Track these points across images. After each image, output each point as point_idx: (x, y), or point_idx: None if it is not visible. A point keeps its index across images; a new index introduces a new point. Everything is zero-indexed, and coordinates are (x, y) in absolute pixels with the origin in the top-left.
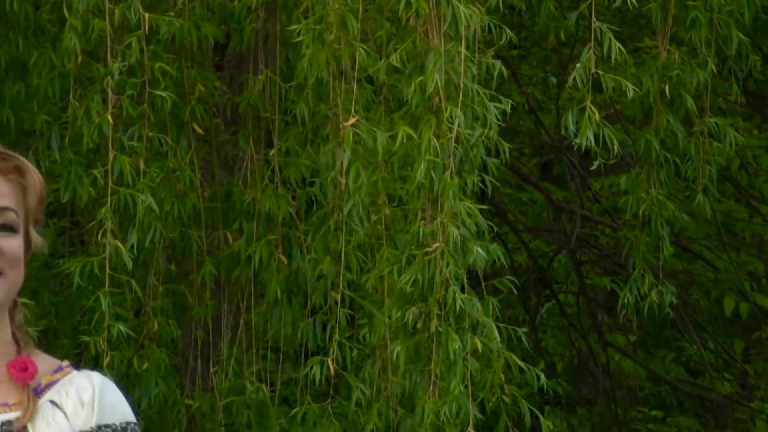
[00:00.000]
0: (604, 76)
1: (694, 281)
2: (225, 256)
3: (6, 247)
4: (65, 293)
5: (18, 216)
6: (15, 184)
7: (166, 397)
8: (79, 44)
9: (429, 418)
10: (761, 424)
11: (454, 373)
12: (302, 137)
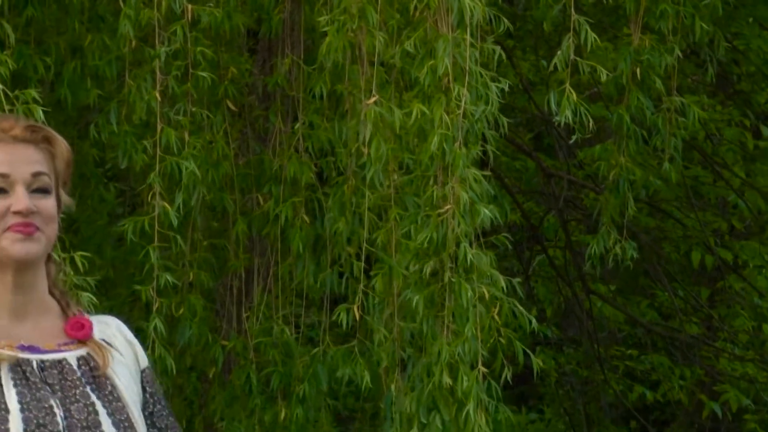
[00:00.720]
0: (580, 62)
1: (666, 237)
2: (256, 216)
3: (42, 207)
4: (122, 248)
5: (50, 179)
6: (45, 152)
7: (205, 338)
8: (132, 31)
9: (444, 358)
10: (724, 361)
11: (466, 318)
12: (322, 113)
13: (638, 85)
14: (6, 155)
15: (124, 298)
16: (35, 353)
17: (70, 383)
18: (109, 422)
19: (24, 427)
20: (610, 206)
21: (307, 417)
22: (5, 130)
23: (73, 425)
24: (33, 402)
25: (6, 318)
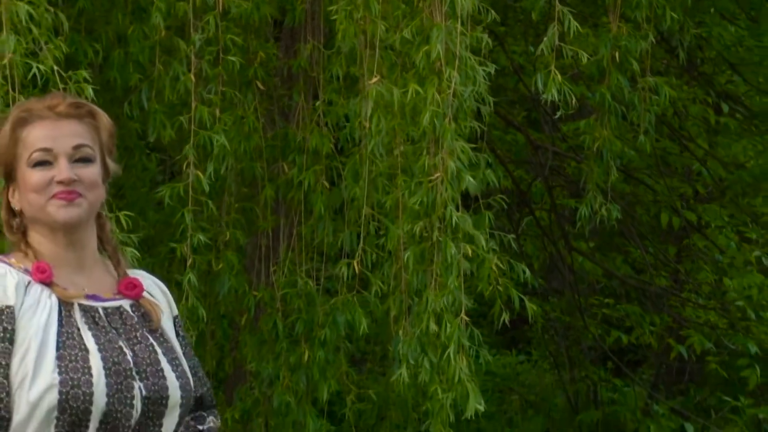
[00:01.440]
0: (564, 47)
1: (638, 201)
2: (282, 182)
3: (84, 175)
4: (162, 211)
5: (93, 150)
6: (89, 126)
7: (236, 290)
8: (163, 22)
9: (431, 306)
10: (689, 310)
11: (450, 272)
12: (339, 91)
13: (617, 68)
14: (50, 131)
15: (163, 255)
16: (98, 301)
17: (130, 327)
18: (165, 360)
19: (103, 364)
20: (595, 174)
21: (327, 358)
22: (51, 108)
23: (140, 363)
24: (106, 343)
25: (66, 271)
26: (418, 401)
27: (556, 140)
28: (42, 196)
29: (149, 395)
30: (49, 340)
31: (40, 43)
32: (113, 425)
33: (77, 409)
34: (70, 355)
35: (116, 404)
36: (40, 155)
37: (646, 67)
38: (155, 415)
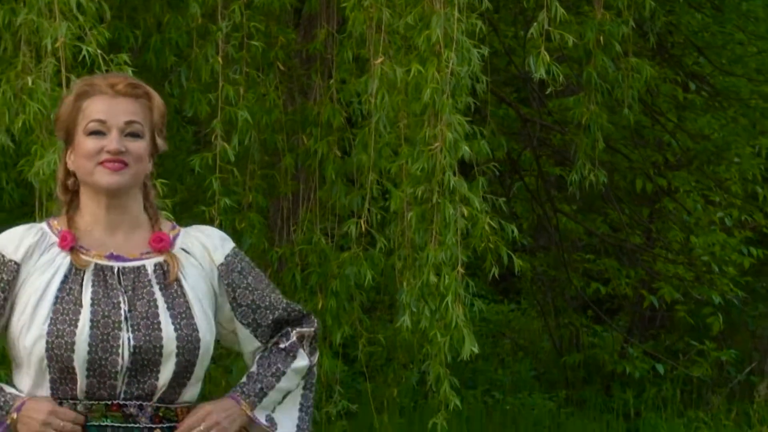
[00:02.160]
0: (552, 31)
1: (616, 168)
2: (300, 152)
3: (132, 148)
4: (194, 177)
5: (143, 126)
6: (143, 105)
7: (259, 247)
8: (200, 11)
9: (431, 260)
10: (660, 264)
11: (448, 230)
12: (350, 71)
13: (602, 50)
14: (107, 105)
15: (196, 216)
16: (119, 261)
17: (141, 284)
18: (167, 314)
19: (91, 317)
20: (583, 144)
21: (340, 306)
22: (112, 85)
23: (135, 316)
24: (104, 299)
25: (101, 231)
26: (421, 344)
27: (543, 115)
28: (91, 162)
29: (139, 345)
30: (48, 295)
31: (86, 29)
32: (100, 372)
33: (61, 357)
34: (64, 309)
35: (99, 353)
36: (95, 125)
37: (627, 50)
38: (149, 363)
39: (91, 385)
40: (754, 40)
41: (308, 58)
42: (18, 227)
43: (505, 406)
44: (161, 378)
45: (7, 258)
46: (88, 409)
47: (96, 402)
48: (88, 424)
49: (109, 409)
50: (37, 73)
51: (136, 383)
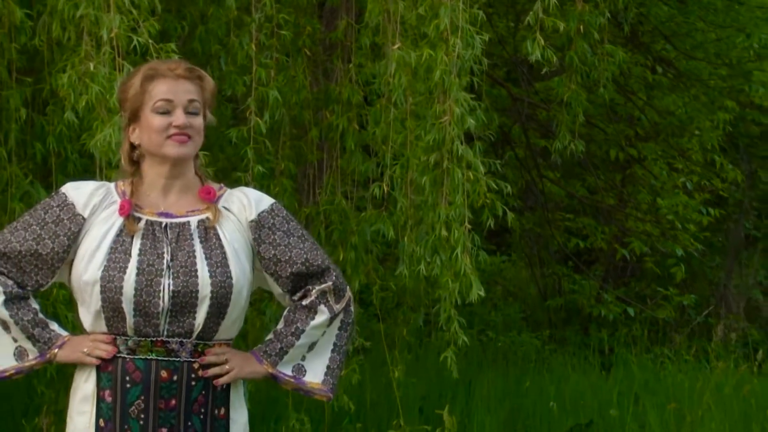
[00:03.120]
0: (546, 19)
1: (593, 139)
2: (324, 125)
3: (193, 123)
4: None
5: (200, 104)
6: (198, 86)
7: (291, 208)
8: (234, 4)
9: (442, 218)
10: (631, 222)
11: (457, 192)
12: (367, 57)
13: (581, 37)
14: (171, 87)
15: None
16: (167, 217)
17: (184, 238)
18: (204, 263)
19: (138, 265)
20: (565, 119)
21: (358, 258)
22: (172, 69)
23: (175, 265)
24: (150, 250)
25: (157, 193)
26: (428, 290)
27: (530, 94)
28: (161, 136)
29: (177, 289)
30: (104, 245)
31: (140, 22)
32: (144, 312)
33: (112, 298)
34: (116, 258)
35: (144, 296)
36: (163, 104)
37: (603, 37)
38: (187, 305)
39: (138, 324)
40: (713, 28)
41: (330, 45)
42: (90, 183)
43: (497, 344)
44: (198, 318)
45: (77, 211)
46: (137, 345)
47: (143, 338)
48: (136, 359)
49: (155, 345)
50: (97, 59)
51: (177, 322)
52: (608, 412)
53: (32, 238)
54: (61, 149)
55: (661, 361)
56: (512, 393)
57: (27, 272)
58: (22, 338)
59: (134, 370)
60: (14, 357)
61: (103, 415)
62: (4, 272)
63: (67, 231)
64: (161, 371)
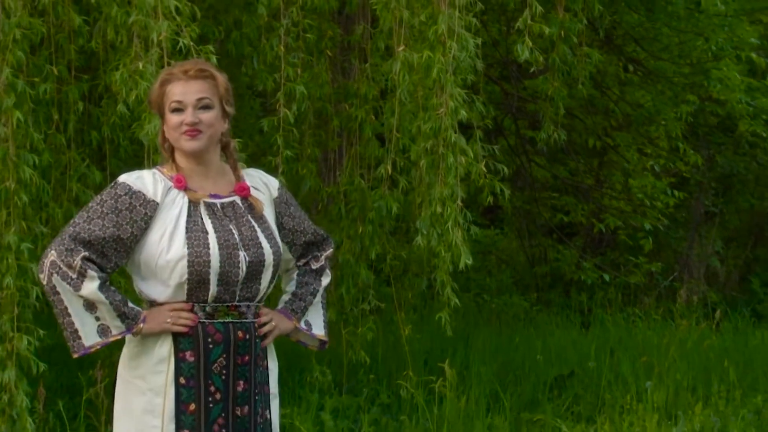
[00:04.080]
0: (533, 25)
1: (574, 129)
2: (343, 116)
3: (204, 118)
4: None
5: (212, 100)
6: (210, 84)
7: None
8: (265, 11)
9: (442, 195)
10: (606, 200)
11: (450, 173)
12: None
13: (563, 41)
14: (182, 88)
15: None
16: (218, 199)
17: (239, 215)
18: (263, 236)
19: (217, 241)
20: (549, 111)
21: (374, 232)
22: (185, 72)
23: (244, 239)
24: (220, 227)
25: (197, 179)
26: (430, 259)
27: (520, 90)
28: (176, 132)
29: (251, 260)
30: (180, 225)
31: (182, 26)
32: (226, 281)
33: (200, 271)
34: (195, 236)
35: (227, 267)
36: (175, 105)
37: (582, 41)
38: (256, 273)
39: (219, 292)
40: (676, 33)
41: (349, 47)
42: (143, 172)
43: (491, 305)
44: (263, 283)
45: (148, 198)
46: (215, 310)
47: (220, 304)
48: (215, 322)
49: (229, 309)
50: (145, 59)
51: (247, 289)
52: (587, 364)
53: (112, 224)
54: (114, 137)
55: (633, 320)
56: (504, 347)
57: (107, 256)
58: (110, 317)
59: (215, 332)
60: (98, 334)
61: (184, 374)
62: (91, 259)
63: (143, 216)
64: (237, 332)
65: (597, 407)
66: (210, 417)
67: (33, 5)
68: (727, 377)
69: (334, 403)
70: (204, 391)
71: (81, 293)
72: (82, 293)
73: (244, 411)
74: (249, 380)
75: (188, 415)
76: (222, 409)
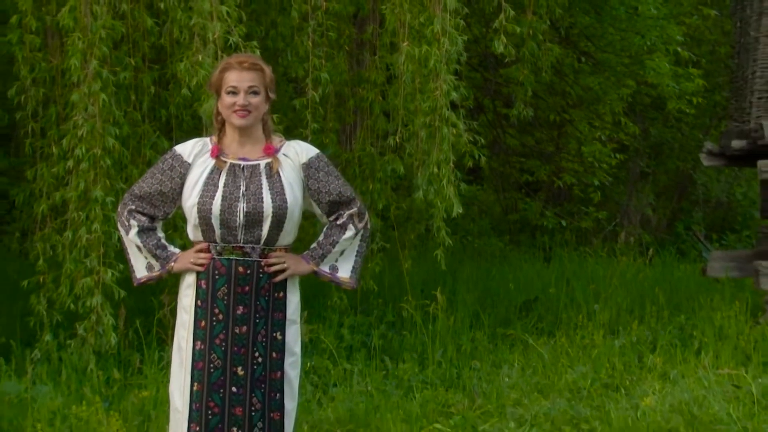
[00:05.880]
0: (507, 25)
1: (539, 108)
2: (357, 98)
3: (252, 101)
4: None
5: (259, 88)
6: (259, 74)
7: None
8: (297, 15)
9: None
10: (564, 162)
11: (444, 142)
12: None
13: (530, 38)
14: (238, 76)
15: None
16: (245, 161)
17: (255, 175)
18: (268, 193)
19: (222, 194)
20: (520, 94)
21: (382, 188)
22: (240, 63)
23: (248, 194)
24: (231, 183)
25: (236, 145)
26: (427, 209)
27: (496, 77)
28: (229, 110)
29: (248, 210)
30: (200, 181)
31: (232, 27)
32: (227, 225)
33: (205, 217)
34: (207, 189)
35: (227, 214)
36: (231, 88)
37: (545, 38)
38: (256, 221)
39: (223, 234)
40: (619, 32)
41: (362, 43)
42: (192, 140)
43: (474, 245)
44: (263, 229)
45: (184, 159)
46: (223, 249)
47: (227, 244)
48: (222, 258)
49: (235, 249)
50: (203, 53)
51: (249, 233)
52: (549, 291)
53: (157, 182)
54: (179, 114)
55: (584, 256)
56: (484, 278)
57: (157, 206)
58: (150, 257)
59: (221, 266)
60: (145, 269)
61: (200, 297)
62: (141, 210)
63: (179, 173)
64: (239, 267)
65: (556, 324)
66: (213, 332)
67: (115, 10)
68: (657, 301)
69: (351, 321)
70: (210, 312)
71: (129, 237)
72: (130, 237)
73: (242, 330)
74: (249, 306)
75: (200, 329)
76: (223, 328)
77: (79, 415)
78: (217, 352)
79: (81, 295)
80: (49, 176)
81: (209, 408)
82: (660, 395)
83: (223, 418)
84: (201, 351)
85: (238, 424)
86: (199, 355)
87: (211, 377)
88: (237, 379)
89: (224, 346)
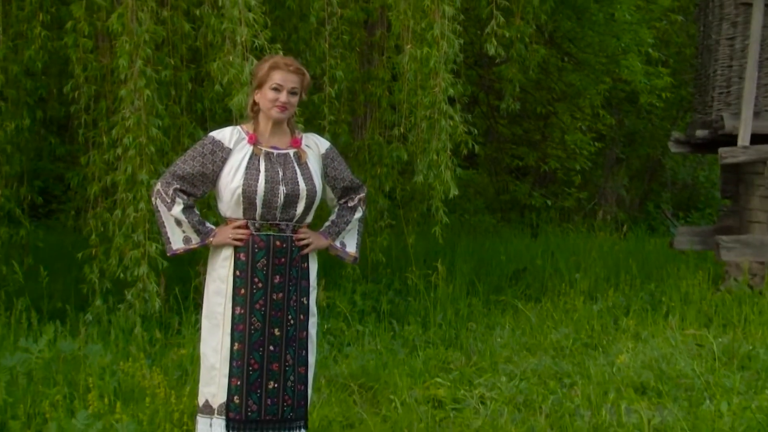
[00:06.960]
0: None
1: (527, 101)
2: (367, 93)
3: (291, 101)
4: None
5: (298, 89)
6: (300, 77)
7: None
8: (315, 21)
9: (437, 147)
10: (549, 149)
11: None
12: (395, 52)
13: (519, 40)
14: (283, 76)
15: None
16: (276, 149)
17: (288, 162)
18: (301, 178)
19: (265, 177)
20: (509, 89)
21: (388, 173)
22: (287, 65)
23: (286, 178)
24: (270, 168)
25: (267, 135)
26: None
27: (489, 74)
28: (271, 104)
29: (288, 192)
30: (242, 166)
31: (258, 31)
32: (268, 205)
33: (250, 197)
34: (250, 173)
35: (269, 195)
36: (276, 85)
37: (532, 40)
38: (292, 202)
39: (263, 212)
40: (597, 35)
41: (371, 45)
42: (227, 128)
43: (470, 222)
44: (298, 209)
45: (225, 145)
46: (261, 225)
47: (265, 222)
48: (261, 234)
49: (272, 226)
50: (234, 55)
51: (285, 212)
52: (536, 262)
53: (199, 164)
54: (212, 107)
55: (567, 231)
56: (479, 251)
57: (197, 186)
58: (190, 231)
59: (260, 241)
60: (182, 242)
61: (239, 268)
62: (183, 190)
63: (220, 158)
64: (276, 242)
65: (542, 291)
66: (254, 299)
67: (157, 17)
68: (630, 270)
69: (362, 289)
70: (250, 281)
71: (172, 213)
72: (173, 213)
73: (278, 296)
74: (284, 275)
75: (240, 296)
76: (262, 294)
77: (125, 370)
78: (257, 315)
79: (129, 265)
80: (100, 162)
81: (250, 365)
82: (633, 353)
83: (262, 373)
84: (241, 315)
85: (275, 378)
86: (239, 318)
87: (252, 338)
88: (274, 339)
89: (264, 310)
